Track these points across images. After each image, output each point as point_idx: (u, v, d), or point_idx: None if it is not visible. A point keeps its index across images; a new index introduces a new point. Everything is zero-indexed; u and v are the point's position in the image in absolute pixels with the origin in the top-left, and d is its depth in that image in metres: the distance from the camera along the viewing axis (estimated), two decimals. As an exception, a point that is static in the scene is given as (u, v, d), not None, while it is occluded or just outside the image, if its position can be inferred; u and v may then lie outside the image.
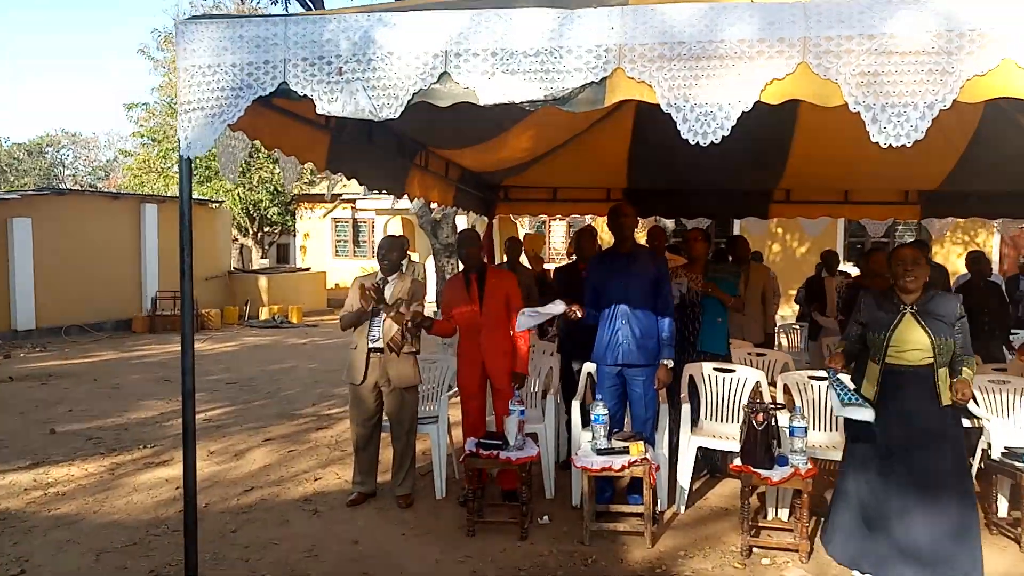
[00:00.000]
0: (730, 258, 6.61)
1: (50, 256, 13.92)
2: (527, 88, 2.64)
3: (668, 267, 4.57)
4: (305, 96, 2.86)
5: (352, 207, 21.15)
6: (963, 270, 8.13)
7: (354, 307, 4.70)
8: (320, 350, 12.74)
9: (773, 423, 3.93)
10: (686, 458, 4.58)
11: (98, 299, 14.80)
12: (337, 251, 22.23)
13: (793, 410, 3.98)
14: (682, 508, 4.58)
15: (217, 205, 19.08)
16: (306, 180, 21.62)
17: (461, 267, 4.92)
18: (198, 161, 20.76)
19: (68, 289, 14.20)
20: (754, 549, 3.96)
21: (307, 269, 20.87)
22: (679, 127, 2.64)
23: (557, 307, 4.34)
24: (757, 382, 4.95)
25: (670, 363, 4.39)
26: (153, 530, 4.32)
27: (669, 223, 12.52)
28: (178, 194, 3.13)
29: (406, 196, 5.56)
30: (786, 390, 4.91)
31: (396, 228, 20.67)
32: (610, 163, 7.32)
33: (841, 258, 17.75)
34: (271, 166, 21.50)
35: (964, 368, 3.56)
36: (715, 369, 5.02)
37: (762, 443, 3.90)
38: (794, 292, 10.05)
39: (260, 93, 2.91)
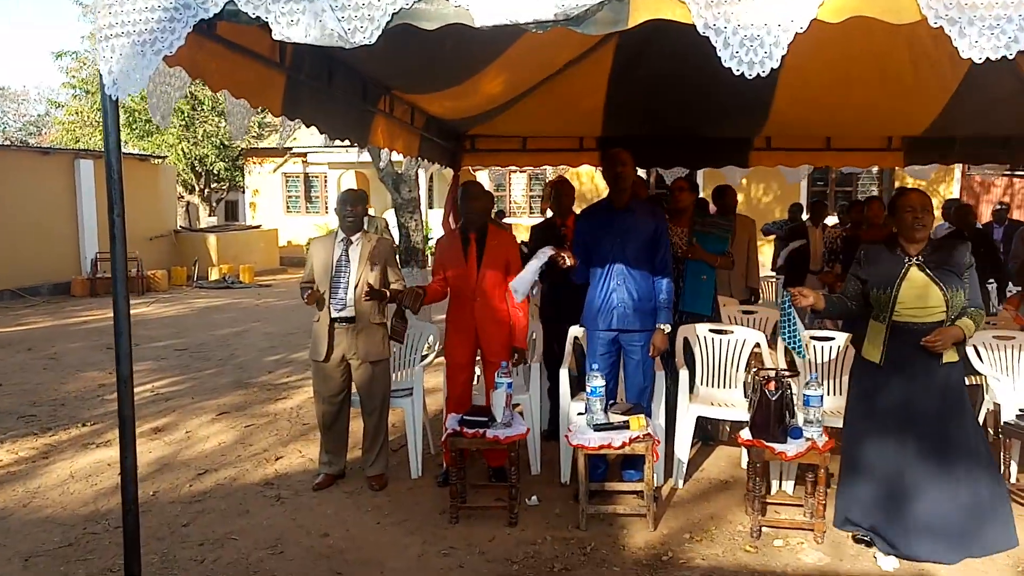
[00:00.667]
0: (712, 209, 6.22)
1: (-25, 216, 12.94)
2: (535, 5, 2.14)
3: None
4: (258, 19, 2.33)
5: (303, 161, 20.24)
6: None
7: (310, 277, 4.22)
8: (274, 312, 12.13)
9: (787, 392, 3.58)
10: (684, 428, 4.23)
11: (32, 261, 13.87)
12: (289, 207, 21.34)
13: (808, 376, 3.63)
14: (680, 482, 4.24)
15: (160, 161, 18.05)
16: (254, 133, 20.64)
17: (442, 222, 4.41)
18: (137, 113, 19.63)
19: (-3, 251, 13.27)
20: (764, 529, 3.64)
21: (258, 226, 20.00)
22: (720, 54, 2.19)
23: (543, 255, 3.89)
24: (757, 343, 4.61)
25: (667, 328, 3.99)
26: (92, 526, 3.81)
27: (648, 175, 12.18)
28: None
29: (368, 147, 5.03)
30: (787, 352, 4.58)
31: (351, 182, 19.88)
32: (585, 109, 6.81)
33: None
34: (216, 119, 20.43)
35: (964, 318, 3.25)
36: (711, 331, 4.66)
37: (775, 414, 3.55)
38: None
39: (202, 15, 2.36)
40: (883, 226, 5.82)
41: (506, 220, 15.14)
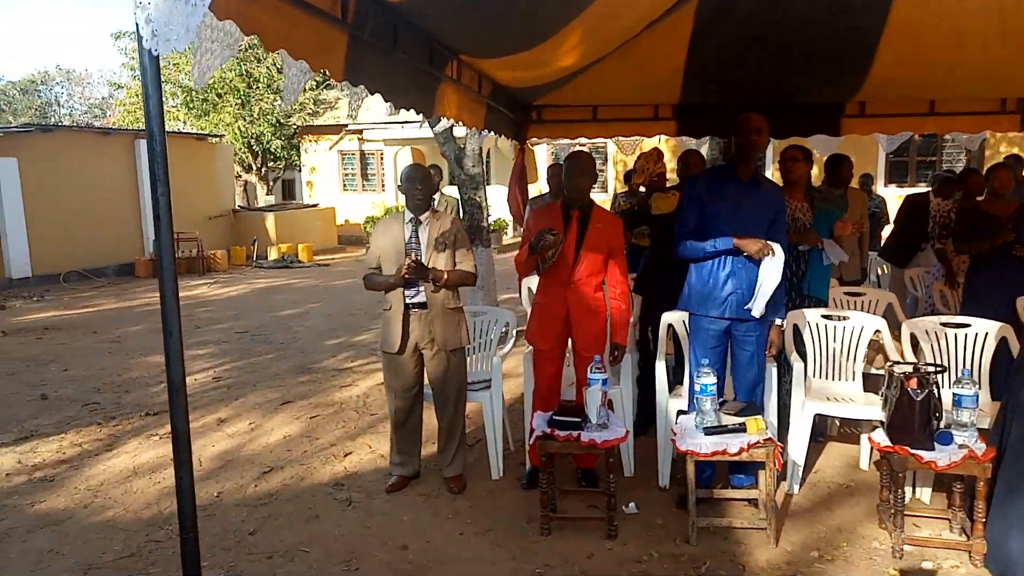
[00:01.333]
0: (824, 183, 5.64)
1: (41, 198, 13.00)
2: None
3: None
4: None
5: (359, 138, 19.98)
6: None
7: (376, 263, 3.83)
8: (334, 292, 11.90)
9: (934, 390, 3.06)
10: (801, 427, 3.74)
11: (97, 243, 13.94)
12: (345, 185, 21.16)
13: (959, 373, 3.11)
14: (795, 487, 3.77)
15: (217, 139, 17.99)
16: (309, 110, 20.48)
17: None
18: (194, 93, 19.61)
19: (63, 233, 13.33)
20: (906, 547, 3.14)
21: (315, 205, 19.88)
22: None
23: (777, 262, 3.40)
24: (877, 331, 4.07)
25: (783, 323, 3.50)
26: (155, 532, 3.54)
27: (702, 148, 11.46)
28: (166, 122, 2.17)
29: (430, 120, 4.59)
30: (913, 341, 4.04)
31: (407, 159, 19.59)
32: (662, 74, 6.27)
33: (882, 180, 16.76)
34: (272, 97, 20.29)
35: None
36: (824, 316, 4.14)
37: (921, 417, 3.04)
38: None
39: (256, -48, 1.96)
40: (1011, 196, 5.17)
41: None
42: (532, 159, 4.80)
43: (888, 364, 3.32)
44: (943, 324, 4.03)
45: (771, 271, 3.33)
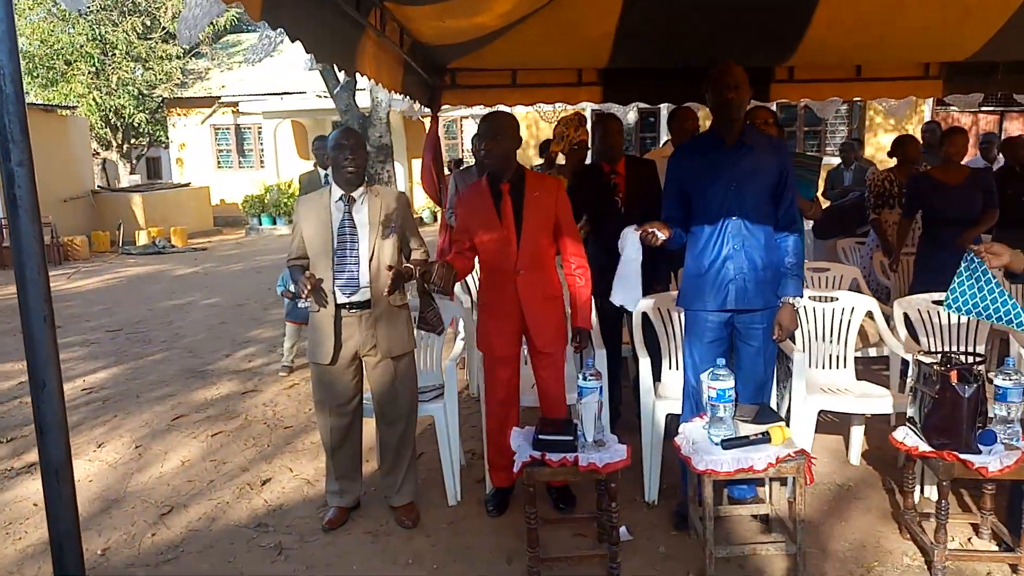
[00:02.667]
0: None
1: None
2: None
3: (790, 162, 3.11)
4: None
5: (234, 111, 18.44)
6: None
7: (301, 253, 3.12)
8: (218, 279, 10.77)
9: (983, 386, 2.67)
10: (804, 427, 3.31)
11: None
12: (220, 163, 19.54)
13: (1005, 361, 2.73)
14: (793, 493, 3.34)
15: (69, 112, 16.06)
16: (177, 81, 18.72)
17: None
18: (39, 59, 17.45)
19: None
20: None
21: (187, 184, 18.22)
22: None
23: (631, 242, 2.89)
24: (868, 312, 3.71)
25: (797, 301, 3.02)
26: (20, 615, 2.69)
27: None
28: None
29: (334, 89, 3.84)
30: (906, 321, 3.71)
31: (287, 133, 18.29)
32: (592, 35, 5.74)
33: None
34: (132, 65, 18.38)
35: None
36: (812, 298, 3.74)
37: (968, 417, 2.65)
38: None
39: None
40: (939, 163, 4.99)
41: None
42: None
43: (917, 354, 2.91)
44: (935, 302, 3.71)
45: (626, 258, 2.90)
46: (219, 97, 18.28)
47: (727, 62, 2.99)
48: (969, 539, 2.98)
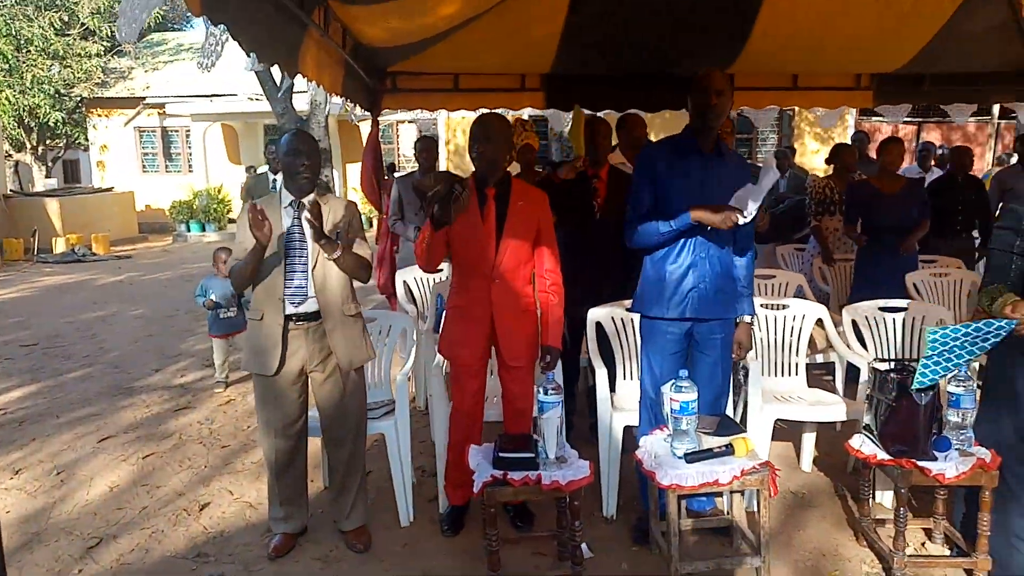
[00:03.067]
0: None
1: None
2: None
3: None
4: None
5: (160, 112, 17.74)
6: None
7: (242, 255, 2.92)
8: (145, 289, 10.29)
9: (936, 393, 2.69)
10: (762, 435, 3.30)
11: None
12: (145, 166, 18.77)
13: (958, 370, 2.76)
14: (755, 504, 3.33)
15: (-23, 112, 15.19)
16: (97, 80, 17.93)
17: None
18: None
19: None
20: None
21: (110, 189, 17.43)
22: None
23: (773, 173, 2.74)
24: (819, 319, 3.74)
25: (752, 319, 3.00)
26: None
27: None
28: None
29: (265, 89, 3.67)
30: (855, 328, 3.75)
31: (217, 137, 17.72)
32: (536, 39, 5.71)
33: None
34: (48, 63, 17.50)
35: None
36: (763, 306, 3.75)
37: (925, 424, 2.67)
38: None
39: None
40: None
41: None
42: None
43: (873, 362, 2.93)
44: (881, 308, 3.77)
45: (752, 198, 2.74)
46: (144, 98, 17.58)
47: (710, 68, 2.95)
48: (923, 544, 3.02)
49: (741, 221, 2.72)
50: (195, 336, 7.07)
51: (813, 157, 16.11)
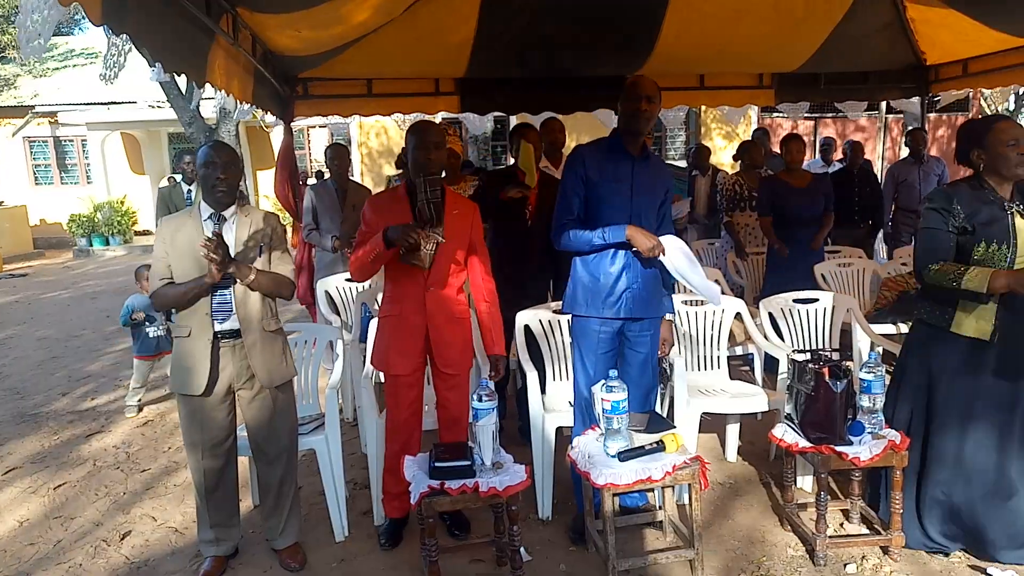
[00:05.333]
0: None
1: None
2: None
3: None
4: None
5: (51, 121, 16.82)
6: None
7: (167, 274, 2.82)
8: (44, 309, 9.74)
9: (851, 381, 2.84)
10: (689, 429, 3.40)
11: None
12: (37, 179, 17.76)
13: (867, 356, 2.92)
14: (685, 497, 3.43)
15: None
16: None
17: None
18: None
19: None
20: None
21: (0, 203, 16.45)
22: None
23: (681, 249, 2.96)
24: (737, 313, 3.88)
25: (673, 317, 3.09)
26: None
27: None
28: None
29: (168, 96, 3.55)
30: (771, 320, 3.91)
31: (117, 146, 16.95)
32: (450, 44, 5.75)
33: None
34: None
35: None
36: (684, 303, 3.86)
37: (841, 411, 2.81)
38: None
39: None
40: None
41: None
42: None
43: (792, 352, 3.07)
44: (795, 300, 3.94)
45: (679, 259, 2.90)
46: (33, 107, 16.64)
47: (640, 75, 3.01)
48: (841, 524, 3.17)
49: (661, 259, 2.89)
50: (105, 356, 6.75)
51: (720, 153, 16.62)
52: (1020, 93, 19.01)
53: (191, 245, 2.78)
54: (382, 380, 3.16)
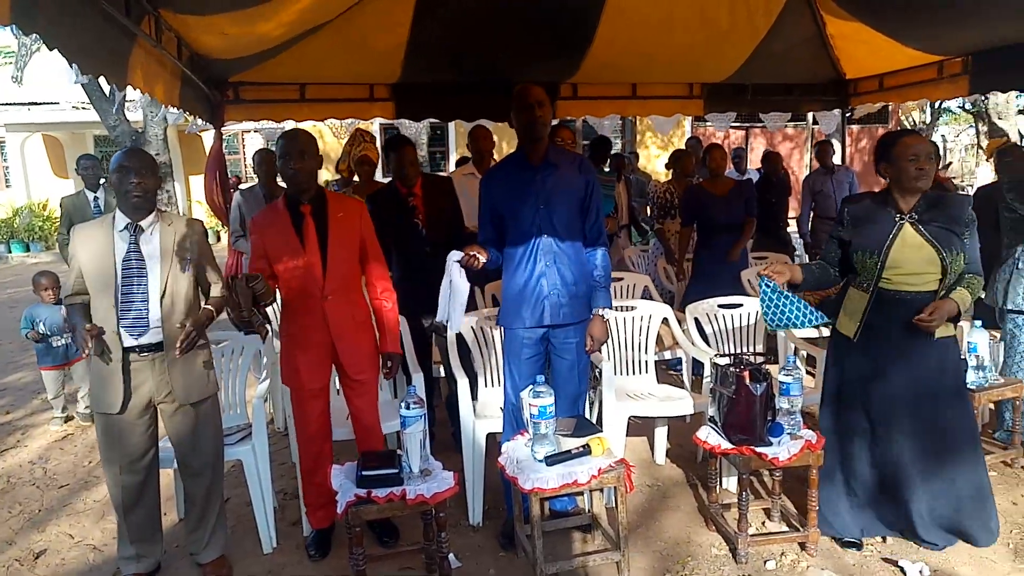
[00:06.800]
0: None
1: None
2: None
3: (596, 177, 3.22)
4: None
5: (-34, 123, 16.10)
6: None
7: (79, 288, 2.76)
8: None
9: (770, 383, 2.93)
10: (617, 433, 3.45)
11: None
12: (-47, 182, 17.00)
13: (786, 359, 3.02)
14: (612, 500, 3.48)
15: None
16: None
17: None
18: None
19: None
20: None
21: (-91, 208, 15.65)
22: None
23: (452, 263, 2.89)
24: (664, 318, 3.96)
25: (607, 312, 3.14)
26: None
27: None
28: None
29: (91, 98, 3.47)
30: (697, 326, 4.01)
31: (38, 148, 16.31)
32: (383, 49, 5.73)
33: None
34: None
35: (959, 289, 2.85)
36: (612, 308, 3.92)
37: (761, 413, 2.90)
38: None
39: None
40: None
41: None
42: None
43: (714, 357, 3.15)
44: (720, 305, 4.05)
45: (457, 287, 2.92)
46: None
47: (526, 83, 3.05)
48: (763, 523, 3.27)
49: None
50: (22, 368, 6.49)
51: (656, 161, 16.94)
52: (936, 106, 19.96)
53: (102, 256, 2.71)
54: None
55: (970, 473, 2.93)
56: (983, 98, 11.33)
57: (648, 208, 6.78)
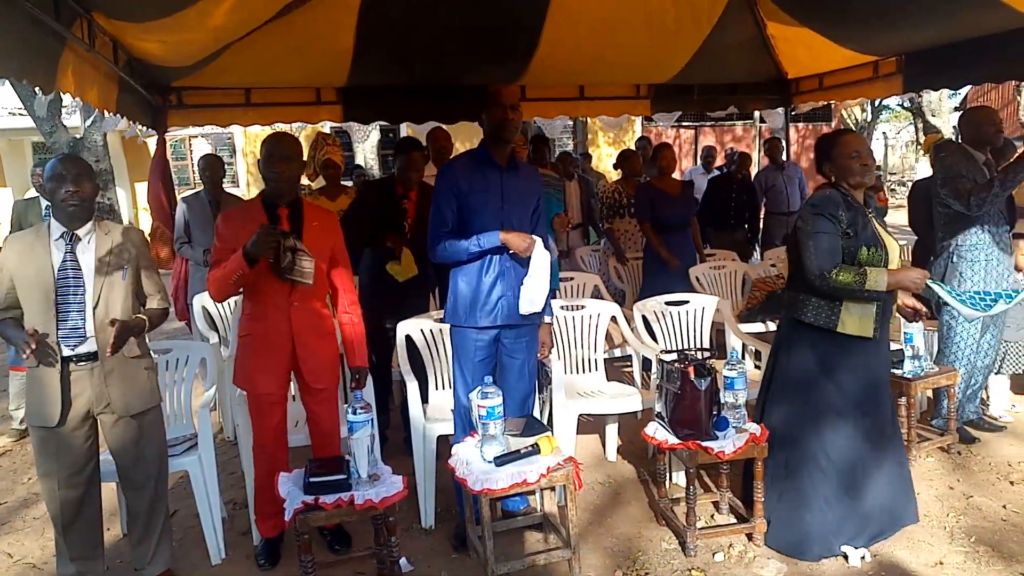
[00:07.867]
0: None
1: None
2: None
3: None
4: None
5: None
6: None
7: (9, 302, 2.69)
8: None
9: (715, 379, 2.98)
10: (567, 431, 3.48)
11: None
12: None
13: (729, 354, 3.08)
14: (564, 499, 3.50)
15: None
16: None
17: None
18: None
19: None
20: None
21: None
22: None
23: (544, 255, 2.98)
24: (613, 317, 4.00)
25: (552, 320, 3.17)
26: None
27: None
28: None
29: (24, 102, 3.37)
30: (645, 323, 4.06)
31: (-26, 156, 15.75)
32: (328, 53, 5.70)
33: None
34: None
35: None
36: (562, 307, 3.95)
37: (706, 408, 2.95)
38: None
39: None
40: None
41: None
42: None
43: (660, 353, 3.19)
44: (667, 303, 4.10)
45: (542, 266, 2.96)
46: None
47: (499, 85, 3.06)
48: (712, 516, 3.32)
49: (534, 255, 2.94)
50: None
51: (608, 160, 17.07)
52: (876, 104, 20.51)
53: (37, 267, 2.63)
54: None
55: (900, 451, 3.05)
56: (918, 96, 11.67)
57: (599, 208, 6.82)
